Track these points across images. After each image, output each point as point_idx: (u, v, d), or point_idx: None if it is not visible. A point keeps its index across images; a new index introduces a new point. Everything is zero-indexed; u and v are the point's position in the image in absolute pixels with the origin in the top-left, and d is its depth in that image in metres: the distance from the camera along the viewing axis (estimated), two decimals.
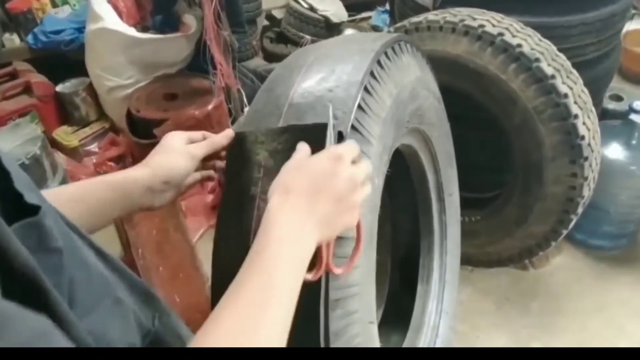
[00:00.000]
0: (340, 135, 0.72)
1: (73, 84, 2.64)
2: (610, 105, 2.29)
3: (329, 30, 3.05)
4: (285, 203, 0.58)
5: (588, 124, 1.46)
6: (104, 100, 2.59)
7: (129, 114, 2.33)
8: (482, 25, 1.46)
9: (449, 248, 1.42)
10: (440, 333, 1.36)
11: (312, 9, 3.03)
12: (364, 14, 3.59)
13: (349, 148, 0.66)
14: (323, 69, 0.83)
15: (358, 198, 0.63)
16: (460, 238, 1.51)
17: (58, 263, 0.43)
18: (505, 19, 1.50)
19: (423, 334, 1.32)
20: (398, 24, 1.63)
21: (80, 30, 2.58)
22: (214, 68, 2.08)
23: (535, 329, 1.74)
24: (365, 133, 0.80)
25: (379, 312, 1.40)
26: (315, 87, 0.79)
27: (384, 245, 1.46)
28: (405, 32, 1.56)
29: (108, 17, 2.31)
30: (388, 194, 1.41)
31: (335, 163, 0.62)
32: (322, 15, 3.03)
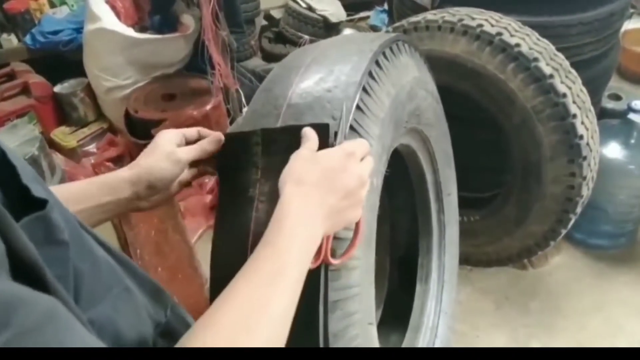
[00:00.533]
0: (336, 136, 0.72)
1: (71, 85, 2.63)
2: (609, 105, 2.29)
3: (328, 30, 3.05)
4: (298, 194, 0.60)
5: (587, 124, 1.46)
6: (102, 101, 2.58)
7: (127, 115, 2.33)
8: (480, 25, 1.46)
9: (448, 248, 1.42)
10: (439, 333, 1.36)
11: (310, 9, 3.03)
12: (363, 14, 3.59)
13: (360, 145, 0.68)
14: (321, 70, 0.82)
15: (363, 194, 0.65)
16: (459, 238, 1.51)
17: (64, 255, 0.44)
18: (504, 19, 1.50)
19: (422, 334, 1.32)
20: (396, 24, 1.62)
21: (79, 31, 2.58)
22: (213, 68, 2.08)
23: (535, 329, 1.74)
24: (364, 133, 0.80)
25: (378, 312, 1.39)
26: (314, 87, 0.79)
27: (383, 245, 1.45)
28: (404, 31, 1.55)
29: (106, 17, 2.31)
30: (387, 194, 1.40)
31: (347, 159, 0.64)
32: (320, 15, 3.03)
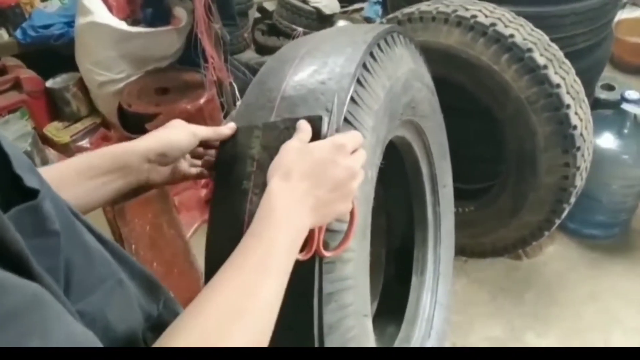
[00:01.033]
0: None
1: (63, 79, 2.61)
2: (603, 95, 2.30)
3: (321, 22, 3.03)
4: (285, 186, 0.60)
5: (580, 114, 1.47)
6: (95, 95, 2.57)
7: (121, 109, 2.32)
8: (474, 16, 1.45)
9: (443, 240, 1.42)
10: (435, 325, 1.36)
11: (304, 1, 3.01)
12: (357, 6, 3.57)
13: (352, 138, 0.67)
14: (315, 62, 0.82)
15: (354, 186, 0.65)
16: (455, 229, 1.51)
17: (55, 246, 0.44)
18: (498, 9, 1.50)
19: (418, 326, 1.33)
20: (390, 15, 1.62)
21: (70, 25, 2.56)
22: (206, 61, 2.07)
23: (530, 318, 1.76)
24: (358, 125, 0.80)
25: (374, 304, 1.40)
26: (308, 79, 0.78)
27: (378, 238, 1.46)
28: (398, 23, 1.55)
29: (98, 10, 2.29)
30: (382, 187, 1.40)
31: (337, 152, 0.63)
32: (314, 7, 3.01)
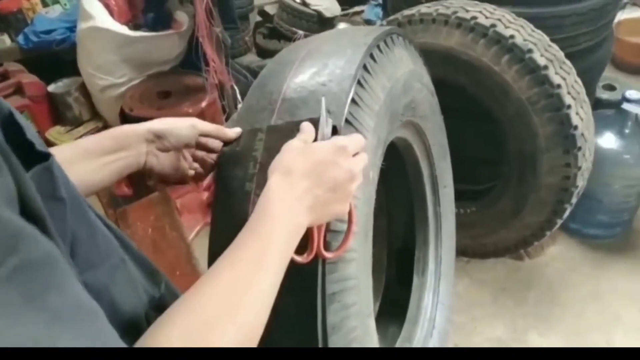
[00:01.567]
0: (335, 130, 0.72)
1: (65, 84, 2.62)
2: (604, 95, 2.30)
3: (322, 25, 3.04)
4: (285, 184, 0.60)
5: (581, 114, 1.47)
6: (97, 100, 2.57)
7: (123, 113, 2.32)
8: (474, 17, 1.46)
9: (444, 240, 1.42)
10: (437, 325, 1.36)
11: (304, 4, 3.02)
12: (357, 8, 3.58)
13: (354, 141, 0.68)
14: (316, 64, 0.82)
15: (353, 188, 0.66)
16: (456, 230, 1.51)
17: (63, 212, 0.45)
18: (498, 10, 1.50)
19: (420, 326, 1.33)
20: (391, 17, 1.62)
21: (72, 30, 2.57)
22: (207, 65, 2.07)
23: (532, 318, 1.76)
24: (359, 126, 0.80)
25: (376, 304, 1.40)
26: (308, 81, 0.79)
27: (380, 238, 1.46)
28: (398, 25, 1.55)
29: (99, 15, 2.30)
30: (383, 188, 1.41)
31: (338, 154, 0.64)
32: (314, 10, 3.02)
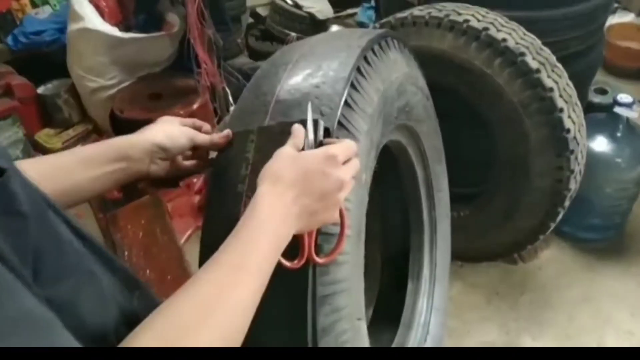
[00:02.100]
0: (327, 132, 0.72)
1: (55, 86, 2.59)
2: (596, 99, 2.31)
3: (315, 27, 3.04)
4: (273, 191, 0.61)
5: (573, 117, 1.47)
6: (87, 102, 2.55)
7: (113, 115, 2.30)
8: (467, 20, 1.46)
9: (439, 244, 1.42)
10: (431, 330, 1.36)
11: (297, 6, 3.01)
12: (350, 10, 3.58)
13: (345, 148, 0.68)
14: (309, 66, 0.82)
15: (342, 197, 0.66)
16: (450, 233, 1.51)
17: (22, 227, 0.44)
18: (490, 14, 1.51)
19: (414, 331, 1.32)
20: (383, 20, 1.62)
21: (62, 31, 2.54)
22: (199, 67, 2.06)
23: (525, 322, 1.75)
24: (352, 129, 0.80)
25: (369, 309, 1.39)
26: (302, 83, 0.79)
27: (374, 242, 1.45)
28: (391, 27, 1.55)
29: (90, 16, 2.28)
30: (378, 191, 1.40)
31: (328, 163, 0.64)
32: (307, 12, 3.02)
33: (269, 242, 0.58)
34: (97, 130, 2.61)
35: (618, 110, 1.78)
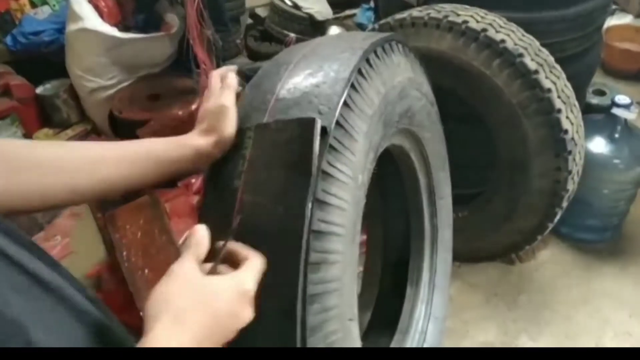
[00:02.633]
0: (325, 131, 0.72)
1: (54, 86, 2.59)
2: (594, 100, 2.32)
3: (314, 28, 3.04)
4: (173, 336, 0.51)
5: (571, 118, 1.48)
6: (86, 102, 2.54)
7: (112, 116, 2.30)
8: (465, 21, 1.46)
9: (440, 252, 1.40)
10: (428, 337, 1.34)
11: (296, 7, 3.01)
12: (349, 12, 3.58)
13: (256, 272, 0.61)
14: (311, 66, 0.82)
15: (247, 321, 0.59)
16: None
17: None
18: (489, 15, 1.51)
19: (410, 338, 1.30)
20: (382, 21, 1.62)
21: (61, 31, 2.53)
22: (198, 67, 2.06)
23: (523, 322, 1.76)
24: (350, 129, 0.80)
25: (368, 314, 1.39)
26: (302, 82, 0.79)
27: (375, 248, 1.45)
28: (390, 28, 1.55)
29: (89, 17, 2.27)
30: (380, 197, 1.40)
31: (242, 300, 0.58)
32: (306, 13, 3.02)
33: None
34: (95, 131, 2.60)
35: (616, 112, 1.79)
